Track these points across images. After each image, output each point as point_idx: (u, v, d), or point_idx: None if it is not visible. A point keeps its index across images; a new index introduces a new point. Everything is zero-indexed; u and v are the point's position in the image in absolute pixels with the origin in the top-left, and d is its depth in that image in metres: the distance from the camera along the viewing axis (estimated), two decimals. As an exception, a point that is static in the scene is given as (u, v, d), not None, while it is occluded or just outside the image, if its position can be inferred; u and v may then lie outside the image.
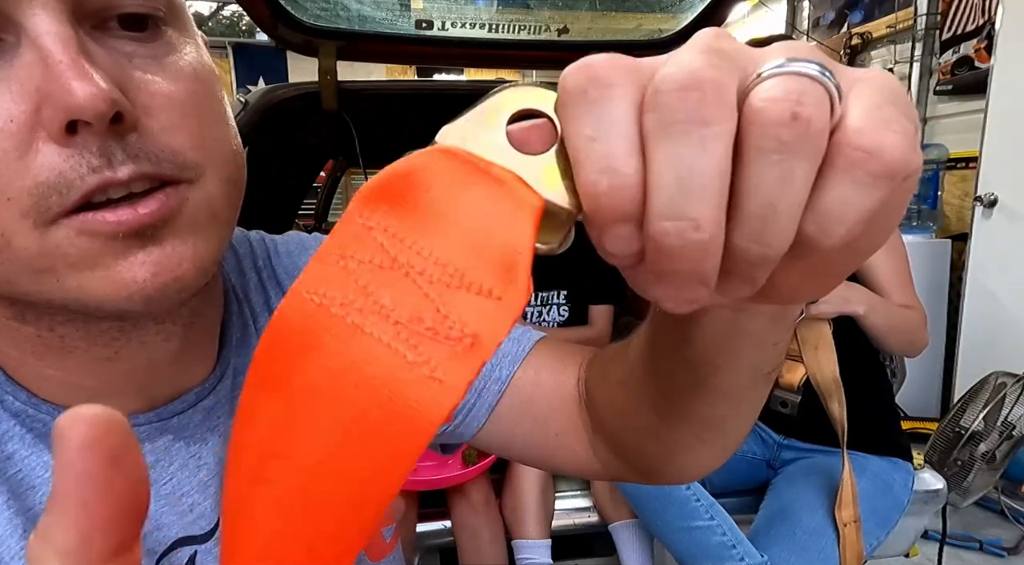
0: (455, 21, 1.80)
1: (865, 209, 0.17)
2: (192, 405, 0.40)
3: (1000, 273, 2.63)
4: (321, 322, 0.17)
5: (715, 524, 1.11)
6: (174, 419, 0.39)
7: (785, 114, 0.16)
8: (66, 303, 0.32)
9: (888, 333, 1.19)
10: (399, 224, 0.17)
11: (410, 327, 0.17)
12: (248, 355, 0.43)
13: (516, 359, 0.50)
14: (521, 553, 1.30)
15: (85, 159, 0.29)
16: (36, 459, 0.35)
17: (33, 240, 0.29)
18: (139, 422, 0.38)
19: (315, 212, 3.44)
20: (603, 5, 1.83)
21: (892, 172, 0.17)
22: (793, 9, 4.61)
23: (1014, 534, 2.24)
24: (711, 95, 0.16)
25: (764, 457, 1.33)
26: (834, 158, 0.17)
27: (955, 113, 3.26)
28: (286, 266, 0.49)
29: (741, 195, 0.17)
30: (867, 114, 0.17)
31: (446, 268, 0.17)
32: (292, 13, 1.60)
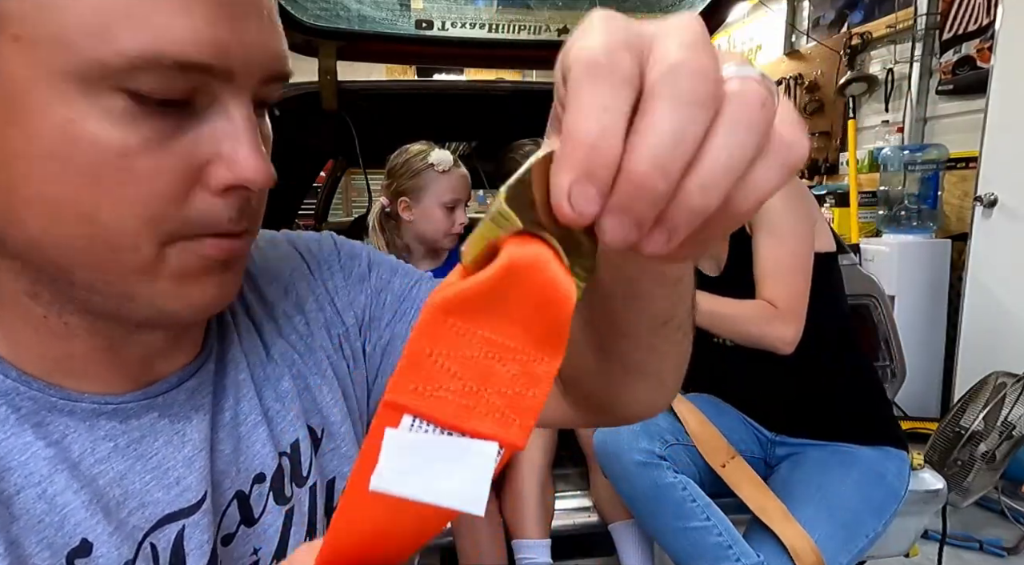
0: (455, 21, 1.80)
1: (775, 187, 0.21)
2: (176, 385, 0.42)
3: (1000, 273, 2.63)
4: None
5: (711, 524, 1.11)
6: (159, 397, 0.41)
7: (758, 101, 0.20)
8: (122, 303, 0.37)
9: (708, 324, 1.20)
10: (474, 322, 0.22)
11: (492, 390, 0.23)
12: (227, 341, 0.47)
13: None
14: (521, 553, 1.30)
15: (226, 213, 0.36)
16: (15, 441, 0.36)
17: (153, 251, 0.35)
18: (126, 400, 0.40)
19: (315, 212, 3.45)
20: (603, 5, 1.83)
21: (799, 162, 0.22)
22: (793, 9, 4.61)
23: (1014, 534, 2.24)
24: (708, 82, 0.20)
25: (761, 455, 1.33)
26: (770, 144, 0.21)
27: (955, 113, 3.26)
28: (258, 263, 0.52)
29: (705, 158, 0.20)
30: (788, 113, 0.22)
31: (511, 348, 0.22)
32: (292, 13, 1.60)
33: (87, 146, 0.32)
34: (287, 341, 0.49)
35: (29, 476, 0.36)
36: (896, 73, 3.61)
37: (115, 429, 0.39)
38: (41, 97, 0.31)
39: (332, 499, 0.50)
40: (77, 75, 0.31)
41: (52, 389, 0.38)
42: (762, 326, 1.16)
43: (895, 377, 1.52)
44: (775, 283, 1.18)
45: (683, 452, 1.22)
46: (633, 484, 1.16)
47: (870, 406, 1.31)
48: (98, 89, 0.31)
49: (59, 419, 0.38)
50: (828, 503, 1.15)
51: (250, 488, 0.45)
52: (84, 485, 0.37)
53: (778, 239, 1.20)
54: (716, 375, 1.39)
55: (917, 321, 2.98)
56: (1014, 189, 2.56)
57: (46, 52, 0.31)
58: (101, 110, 0.32)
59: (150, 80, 0.32)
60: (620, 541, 1.33)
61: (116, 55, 0.31)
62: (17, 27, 0.30)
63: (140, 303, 0.37)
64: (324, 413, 0.50)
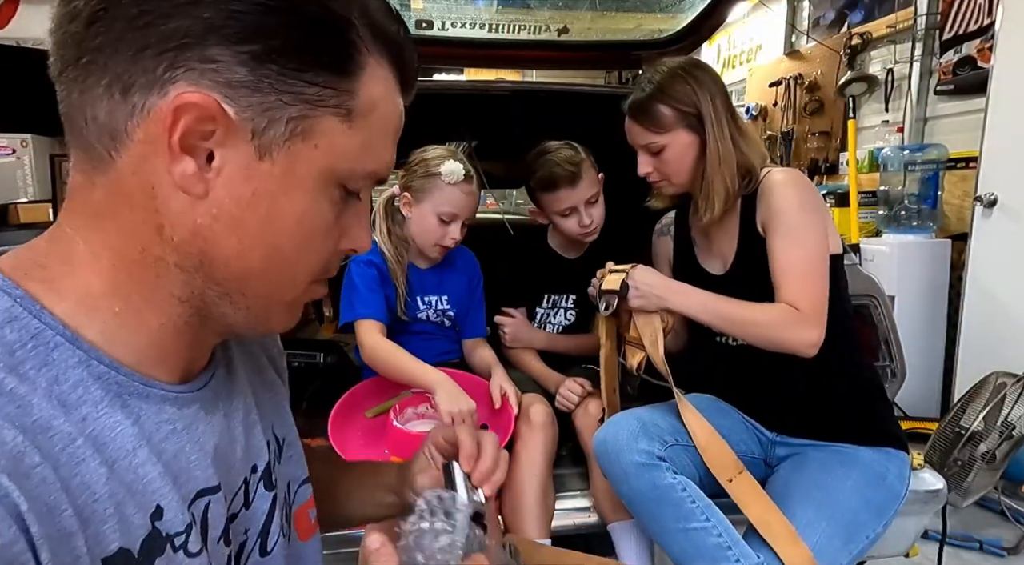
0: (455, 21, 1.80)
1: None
2: (207, 383, 0.52)
3: (1000, 273, 2.63)
4: None
5: (710, 525, 1.11)
6: (200, 392, 0.51)
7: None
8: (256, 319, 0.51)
9: (726, 328, 1.22)
10: None
11: None
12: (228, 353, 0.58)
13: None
14: (521, 553, 1.30)
15: (338, 264, 0.54)
16: (107, 419, 0.43)
17: (304, 288, 0.52)
18: (182, 390, 0.49)
19: (315, 212, 3.44)
20: (603, 5, 1.83)
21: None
22: (793, 9, 4.61)
23: (1014, 534, 2.24)
24: None
25: (761, 456, 1.33)
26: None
27: (955, 113, 3.26)
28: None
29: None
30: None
31: None
32: (292, 13, 1.60)
33: (316, 218, 0.48)
34: (256, 363, 0.63)
35: (119, 449, 0.43)
36: (896, 73, 3.61)
37: (175, 414, 0.48)
38: (307, 183, 0.47)
39: (290, 496, 0.62)
40: (329, 176, 0.47)
41: (135, 375, 0.46)
42: (786, 330, 1.16)
43: (895, 377, 1.52)
44: (797, 286, 1.18)
45: (683, 453, 1.22)
46: (632, 485, 1.16)
47: (871, 407, 1.31)
48: (334, 184, 0.48)
49: (136, 402, 0.45)
50: (829, 504, 1.14)
51: (250, 475, 0.55)
52: (157, 459, 0.45)
53: (797, 241, 1.20)
54: (717, 375, 1.39)
55: (917, 321, 2.98)
56: (1014, 189, 2.56)
57: (325, 159, 0.47)
58: (329, 196, 0.48)
59: (359, 184, 0.50)
60: (619, 541, 1.33)
61: (361, 170, 0.49)
62: (320, 140, 0.46)
63: (265, 322, 0.52)
64: (285, 426, 0.63)
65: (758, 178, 1.28)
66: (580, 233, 1.59)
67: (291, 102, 0.44)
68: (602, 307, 1.30)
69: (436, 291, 1.60)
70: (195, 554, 0.46)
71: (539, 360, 1.65)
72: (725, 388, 1.38)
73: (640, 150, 1.32)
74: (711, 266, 1.37)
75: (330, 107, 0.45)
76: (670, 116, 1.26)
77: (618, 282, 1.26)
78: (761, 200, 1.27)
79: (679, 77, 1.27)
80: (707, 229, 1.37)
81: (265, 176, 0.45)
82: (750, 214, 1.29)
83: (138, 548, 0.41)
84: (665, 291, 1.24)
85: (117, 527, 0.41)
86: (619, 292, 1.26)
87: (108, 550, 0.40)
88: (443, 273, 1.62)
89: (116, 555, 0.40)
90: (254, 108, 0.43)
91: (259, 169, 0.45)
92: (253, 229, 0.46)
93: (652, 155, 1.30)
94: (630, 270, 1.27)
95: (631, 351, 1.31)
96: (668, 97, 1.26)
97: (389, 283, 1.54)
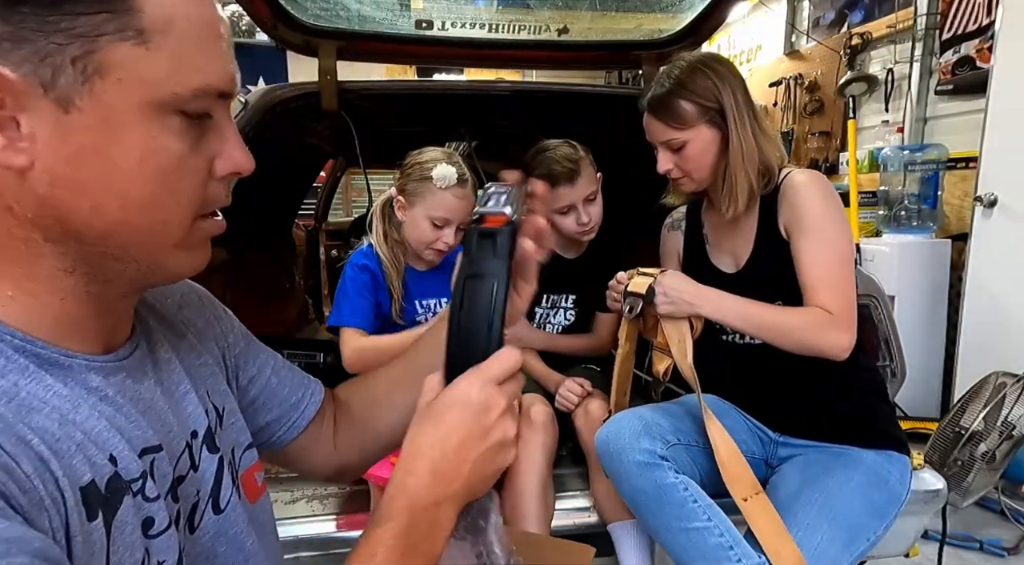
0: (455, 21, 1.80)
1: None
2: (131, 353, 0.54)
3: (1000, 273, 2.63)
4: None
5: (712, 525, 1.11)
6: (124, 361, 0.52)
7: None
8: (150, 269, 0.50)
9: (759, 333, 1.19)
10: None
11: None
12: (147, 327, 0.59)
13: (321, 389, 0.78)
14: (521, 553, 1.30)
15: (225, 192, 0.52)
16: (36, 384, 0.44)
17: (188, 226, 0.50)
18: (106, 360, 0.50)
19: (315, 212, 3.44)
20: (603, 5, 1.83)
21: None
22: (793, 9, 4.61)
23: (1014, 534, 2.24)
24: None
25: (762, 456, 1.33)
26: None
27: (955, 113, 3.26)
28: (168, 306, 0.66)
29: None
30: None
31: None
32: (292, 13, 1.60)
33: (163, 154, 0.46)
34: (184, 341, 0.63)
35: (59, 406, 0.44)
36: (896, 73, 3.61)
37: (102, 383, 0.49)
38: (133, 121, 0.44)
39: (235, 462, 0.64)
40: (156, 105, 0.45)
41: (51, 347, 0.47)
42: (820, 334, 1.16)
43: (895, 377, 1.52)
44: (827, 289, 1.17)
45: (685, 452, 1.22)
46: (634, 484, 1.16)
47: (875, 409, 1.31)
48: (167, 113, 0.45)
49: (60, 372, 0.46)
50: (831, 506, 1.14)
51: (191, 440, 0.57)
52: (100, 415, 0.47)
53: (825, 244, 1.19)
54: (721, 374, 1.39)
55: (917, 321, 2.97)
56: (1014, 189, 2.56)
57: (139, 89, 0.44)
58: (169, 127, 0.46)
59: (198, 104, 0.47)
60: (619, 541, 1.33)
61: (184, 89, 0.45)
62: (120, 72, 0.43)
63: (163, 269, 0.51)
64: (222, 395, 0.64)
65: (776, 177, 1.27)
66: (578, 231, 1.59)
67: (65, 42, 0.41)
68: (626, 310, 1.25)
69: (434, 294, 1.59)
70: (154, 499, 0.48)
71: (539, 360, 1.65)
72: (730, 387, 1.37)
73: (660, 147, 1.29)
74: (723, 264, 1.36)
75: (112, 34, 0.42)
76: (692, 111, 1.24)
77: (645, 286, 1.22)
78: (784, 201, 1.25)
79: (700, 71, 1.24)
80: (721, 226, 1.36)
81: (81, 129, 0.43)
82: (769, 214, 1.27)
83: (104, 485, 0.44)
84: (696, 298, 1.21)
85: (85, 461, 0.43)
86: (645, 297, 1.22)
87: (83, 480, 0.43)
88: (442, 276, 1.60)
89: (89, 486, 0.43)
90: (29, 61, 0.41)
91: (71, 123, 0.43)
92: (97, 185, 0.44)
93: (673, 152, 1.28)
94: (659, 275, 1.23)
95: (658, 357, 1.27)
96: (689, 92, 1.23)
97: (383, 288, 1.53)
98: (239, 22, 6.37)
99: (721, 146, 1.25)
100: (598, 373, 1.63)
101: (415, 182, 1.48)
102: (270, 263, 2.60)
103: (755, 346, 1.24)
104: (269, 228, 2.62)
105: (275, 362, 0.75)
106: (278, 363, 0.76)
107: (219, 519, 0.58)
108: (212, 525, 0.57)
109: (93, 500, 0.43)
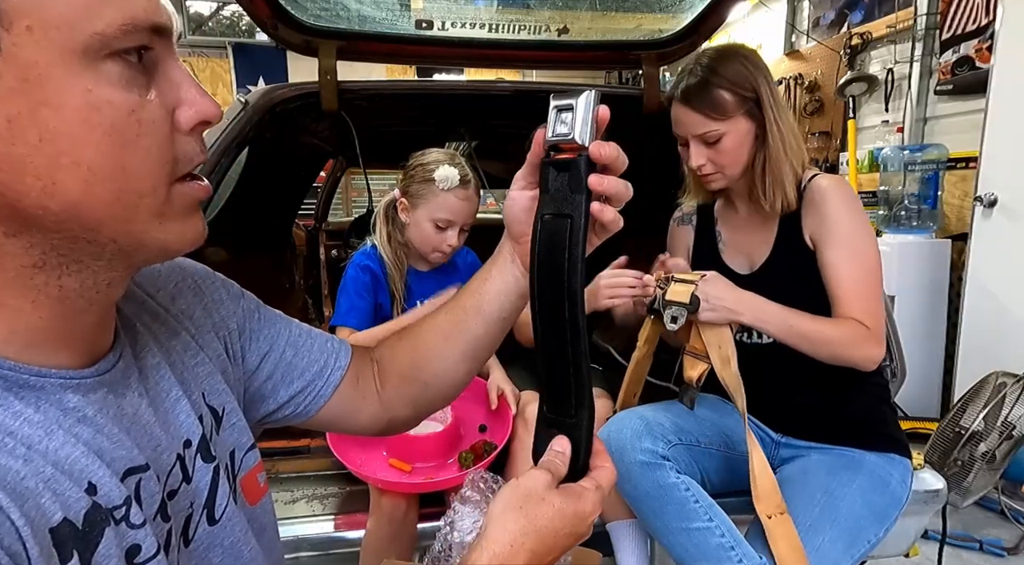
0: (455, 21, 1.80)
1: None
2: (114, 364, 0.50)
3: (1000, 273, 2.63)
4: None
5: (713, 525, 1.11)
6: (107, 375, 0.48)
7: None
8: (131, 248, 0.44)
9: (796, 342, 1.16)
10: None
11: None
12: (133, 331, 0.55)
13: (348, 351, 0.74)
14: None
15: (197, 146, 0.46)
16: (3, 412, 0.41)
17: (165, 192, 0.44)
18: (84, 375, 0.46)
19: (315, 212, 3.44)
20: (603, 5, 1.83)
21: None
22: (793, 9, 4.61)
23: (1014, 534, 2.24)
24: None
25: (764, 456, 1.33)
26: None
27: (955, 113, 3.26)
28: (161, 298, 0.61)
29: None
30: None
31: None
32: (292, 13, 1.60)
33: (108, 109, 0.39)
34: (179, 338, 0.59)
35: (30, 435, 0.41)
36: (896, 73, 3.61)
37: (80, 402, 0.45)
38: (60, 75, 0.38)
39: (235, 466, 0.61)
40: (82, 50, 0.38)
41: (22, 367, 0.43)
42: (858, 348, 1.15)
43: (895, 377, 1.52)
44: (862, 303, 1.16)
45: (686, 452, 1.22)
46: (636, 484, 1.16)
47: (878, 411, 1.30)
48: (99, 59, 0.39)
49: (31, 394, 0.43)
50: (833, 508, 1.14)
51: (183, 451, 0.54)
52: (76, 440, 0.43)
53: (860, 257, 1.18)
54: None
55: (917, 321, 2.97)
56: (1014, 189, 2.56)
57: (55, 35, 0.37)
58: (106, 77, 0.39)
59: (128, 42, 0.40)
60: (618, 541, 1.33)
61: (107, 26, 0.39)
62: (27, 19, 0.37)
63: (149, 246, 0.45)
64: (221, 396, 0.61)
65: (801, 181, 1.25)
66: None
67: None
68: (667, 321, 1.17)
69: (437, 294, 1.59)
70: (139, 525, 0.45)
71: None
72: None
73: (693, 141, 1.23)
74: (736, 264, 1.34)
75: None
76: (730, 101, 1.19)
77: (686, 294, 1.16)
78: (810, 209, 1.23)
79: (733, 58, 1.21)
80: (737, 226, 1.35)
81: (1, 95, 0.37)
82: (792, 220, 1.25)
83: (81, 520, 0.41)
84: (736, 304, 1.16)
85: (56, 500, 0.40)
86: (689, 306, 1.15)
87: (52, 521, 0.39)
88: (445, 276, 1.61)
89: (61, 525, 0.40)
90: None
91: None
92: (40, 160, 0.39)
93: (707, 146, 1.22)
94: (699, 281, 1.17)
95: (690, 362, 1.21)
96: (726, 80, 1.19)
97: (384, 289, 1.53)
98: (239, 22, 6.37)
99: (755, 139, 1.22)
100: (599, 372, 1.63)
101: (418, 184, 1.47)
102: (270, 263, 2.60)
103: (765, 346, 1.23)
104: (269, 228, 2.62)
105: (290, 333, 0.71)
106: (293, 334, 0.71)
107: (214, 530, 0.56)
108: (206, 536, 0.55)
109: (67, 539, 0.40)
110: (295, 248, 3.03)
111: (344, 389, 0.72)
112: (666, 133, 1.31)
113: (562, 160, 0.54)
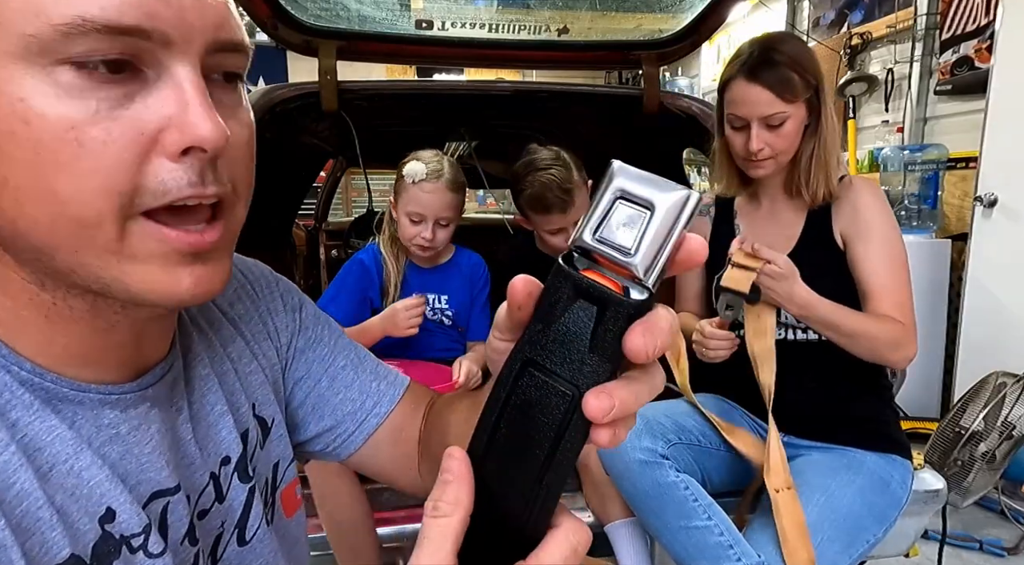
0: (455, 21, 1.80)
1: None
2: (160, 378, 0.47)
3: (1000, 273, 2.63)
4: None
5: (712, 524, 1.11)
6: (150, 389, 0.46)
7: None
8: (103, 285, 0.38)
9: (839, 338, 1.16)
10: None
11: None
12: (188, 338, 0.52)
13: (393, 399, 0.64)
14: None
15: (186, 176, 0.37)
16: (40, 424, 0.39)
17: (116, 227, 0.36)
18: (125, 390, 0.44)
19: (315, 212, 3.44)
20: (603, 5, 1.83)
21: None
22: (793, 9, 4.61)
23: (1014, 534, 2.24)
24: None
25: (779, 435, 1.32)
26: None
27: (955, 113, 3.26)
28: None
29: None
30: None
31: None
32: (292, 13, 1.60)
33: (37, 122, 0.34)
34: (235, 344, 0.56)
35: (57, 454, 0.39)
36: (896, 73, 3.61)
37: (117, 418, 0.43)
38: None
39: (277, 478, 0.58)
40: (20, 54, 0.33)
41: (63, 380, 0.41)
42: (897, 347, 1.17)
43: (895, 377, 1.52)
44: (895, 295, 1.18)
45: (686, 451, 1.22)
46: (635, 483, 1.16)
47: (880, 412, 1.31)
48: (43, 65, 0.34)
49: (69, 408, 0.41)
50: (832, 508, 1.14)
51: (219, 470, 0.51)
52: (103, 461, 0.41)
53: (895, 257, 1.19)
54: (726, 374, 1.38)
55: (917, 321, 2.97)
56: (1014, 189, 2.56)
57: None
58: (50, 85, 0.34)
59: (84, 47, 0.34)
60: (617, 541, 1.32)
61: (48, 27, 0.33)
62: None
63: (113, 286, 0.39)
64: (272, 406, 0.58)
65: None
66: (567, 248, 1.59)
67: None
68: (720, 308, 1.12)
69: (436, 290, 1.63)
70: (158, 555, 0.42)
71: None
72: (735, 387, 1.37)
73: (756, 123, 1.21)
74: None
75: None
76: (799, 84, 1.18)
77: (746, 282, 1.11)
78: (841, 206, 1.24)
79: (798, 42, 1.21)
80: (758, 219, 1.35)
81: None
82: (821, 216, 1.26)
83: (90, 553, 0.39)
84: (788, 295, 1.15)
85: (66, 533, 0.38)
86: (748, 297, 1.12)
87: (59, 557, 0.37)
88: (445, 274, 1.65)
89: (68, 562, 0.37)
90: None
91: None
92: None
93: (769, 129, 1.20)
94: (761, 268, 1.12)
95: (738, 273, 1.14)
96: (798, 65, 1.18)
97: (375, 284, 1.57)
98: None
99: (806, 129, 1.23)
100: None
101: (397, 181, 1.55)
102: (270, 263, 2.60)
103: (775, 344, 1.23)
104: (269, 228, 2.62)
105: (334, 362, 0.63)
106: (337, 364, 0.63)
107: (242, 551, 0.53)
108: (235, 557, 0.52)
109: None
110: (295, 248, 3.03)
111: (380, 438, 0.62)
112: (666, 133, 1.31)
113: (597, 286, 0.29)
